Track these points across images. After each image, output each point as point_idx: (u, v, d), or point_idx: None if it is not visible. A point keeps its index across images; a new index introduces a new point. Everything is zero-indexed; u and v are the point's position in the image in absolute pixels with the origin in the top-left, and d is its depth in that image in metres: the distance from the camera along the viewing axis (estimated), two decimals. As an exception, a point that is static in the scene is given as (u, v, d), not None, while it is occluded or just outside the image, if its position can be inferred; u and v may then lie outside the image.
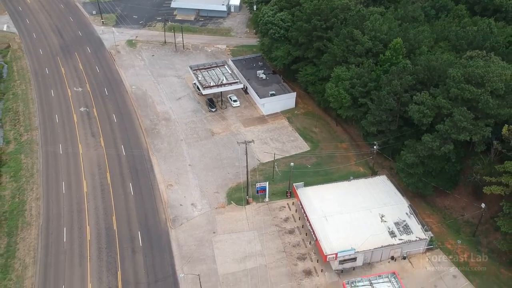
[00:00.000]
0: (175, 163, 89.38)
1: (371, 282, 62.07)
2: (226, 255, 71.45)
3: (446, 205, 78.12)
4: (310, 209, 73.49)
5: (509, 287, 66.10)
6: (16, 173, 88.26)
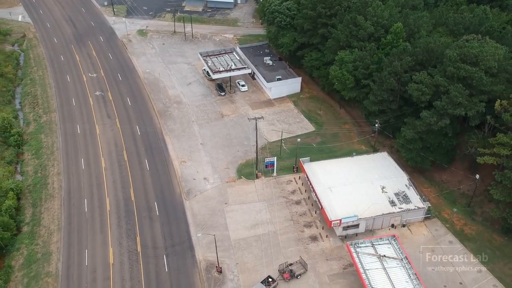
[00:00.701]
0: (187, 142, 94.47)
1: (372, 244, 67.12)
2: (238, 223, 76.52)
3: (443, 179, 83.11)
4: (316, 181, 78.53)
5: (501, 251, 71.00)
6: (37, 151, 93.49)
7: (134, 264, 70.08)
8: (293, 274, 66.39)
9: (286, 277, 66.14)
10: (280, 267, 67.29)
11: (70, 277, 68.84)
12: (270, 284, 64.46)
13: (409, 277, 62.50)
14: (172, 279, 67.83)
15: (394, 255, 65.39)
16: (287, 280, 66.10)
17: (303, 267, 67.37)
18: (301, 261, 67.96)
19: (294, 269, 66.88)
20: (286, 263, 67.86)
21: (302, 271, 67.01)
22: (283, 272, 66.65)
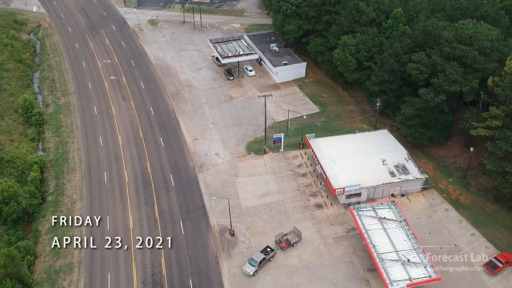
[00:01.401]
0: (199, 122, 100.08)
1: (373, 208, 72.65)
2: (248, 193, 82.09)
3: (440, 154, 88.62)
4: (321, 155, 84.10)
5: (493, 218, 76.44)
6: (57, 130, 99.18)
7: (153, 228, 75.68)
8: (289, 243, 70.89)
9: (282, 246, 70.60)
10: (276, 238, 71.67)
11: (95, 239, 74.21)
12: (268, 254, 68.98)
13: (407, 237, 68.02)
14: (188, 241, 73.41)
15: (394, 217, 70.90)
16: (284, 249, 70.52)
17: (297, 235, 71.96)
18: (295, 231, 72.54)
19: (289, 238, 71.42)
20: (281, 233, 72.32)
21: (297, 240, 71.58)
22: (280, 242, 71.05)
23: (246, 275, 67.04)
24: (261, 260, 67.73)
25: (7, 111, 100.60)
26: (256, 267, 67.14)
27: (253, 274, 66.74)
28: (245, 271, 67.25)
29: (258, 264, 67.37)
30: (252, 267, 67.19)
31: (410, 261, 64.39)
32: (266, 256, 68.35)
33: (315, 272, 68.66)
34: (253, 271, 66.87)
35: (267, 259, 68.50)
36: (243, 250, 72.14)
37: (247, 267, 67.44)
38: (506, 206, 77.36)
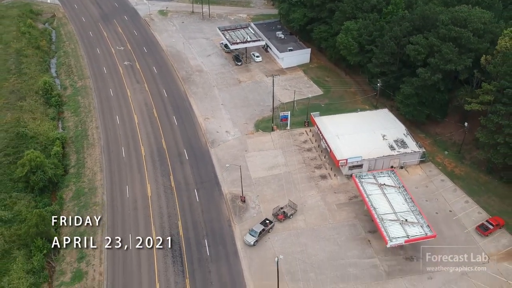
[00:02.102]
0: (209, 103, 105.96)
1: (374, 176, 78.47)
2: (257, 165, 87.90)
3: (437, 131, 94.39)
4: (325, 130, 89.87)
5: (485, 187, 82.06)
6: (76, 110, 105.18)
7: (169, 196, 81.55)
8: (286, 215, 75.69)
9: (280, 218, 75.33)
10: (274, 211, 76.29)
11: (115, 206, 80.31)
12: (267, 225, 73.68)
13: (405, 201, 73.85)
14: (203, 207, 79.29)
15: (393, 184, 76.74)
16: (282, 221, 75.22)
17: (293, 208, 76.70)
18: (290, 204, 77.33)
19: (286, 210, 76.19)
20: (278, 206, 76.91)
21: (293, 212, 76.31)
22: (277, 215, 75.80)
23: (247, 244, 71.63)
24: (261, 231, 72.31)
25: (29, 93, 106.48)
26: (256, 237, 71.67)
27: (253, 244, 71.38)
28: (246, 241, 71.79)
29: (258, 234, 71.87)
30: (252, 237, 71.74)
31: (407, 221, 70.20)
32: (265, 227, 72.96)
33: (320, 234, 74.45)
34: (254, 241, 71.41)
35: (267, 230, 73.14)
36: (253, 215, 77.96)
37: (248, 238, 72.01)
38: (498, 177, 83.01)
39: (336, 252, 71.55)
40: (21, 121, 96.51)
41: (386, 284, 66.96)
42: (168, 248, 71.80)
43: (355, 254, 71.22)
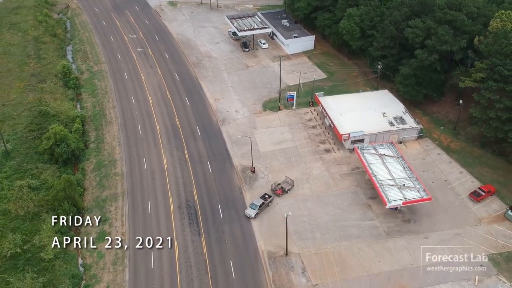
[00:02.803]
0: (219, 85, 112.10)
1: (375, 148, 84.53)
2: (265, 141, 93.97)
3: (434, 110, 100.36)
4: (329, 108, 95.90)
5: (479, 160, 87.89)
6: (93, 92, 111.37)
7: (184, 167, 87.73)
8: (283, 190, 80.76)
9: (278, 193, 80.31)
10: (272, 187, 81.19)
11: (134, 176, 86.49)
12: (267, 199, 78.40)
13: (403, 169, 79.92)
14: (215, 177, 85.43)
15: (392, 154, 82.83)
16: (280, 195, 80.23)
17: (290, 184, 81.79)
18: (287, 180, 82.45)
19: (283, 186, 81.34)
20: (276, 182, 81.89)
21: (290, 187, 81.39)
22: (276, 190, 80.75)
23: (248, 217, 76.45)
24: (261, 204, 77.12)
25: (48, 76, 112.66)
26: (257, 210, 76.51)
27: (254, 216, 76.17)
28: (247, 214, 76.48)
29: (258, 207, 76.77)
30: (253, 211, 76.59)
31: (405, 186, 76.26)
32: (265, 201, 77.89)
33: (324, 200, 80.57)
34: (254, 214, 76.26)
35: (266, 204, 78.00)
36: (262, 183, 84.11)
37: (249, 211, 76.80)
38: (490, 150, 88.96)
39: (339, 215, 77.61)
40: (43, 101, 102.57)
41: (385, 242, 72.95)
42: (185, 212, 77.98)
43: (356, 217, 77.27)
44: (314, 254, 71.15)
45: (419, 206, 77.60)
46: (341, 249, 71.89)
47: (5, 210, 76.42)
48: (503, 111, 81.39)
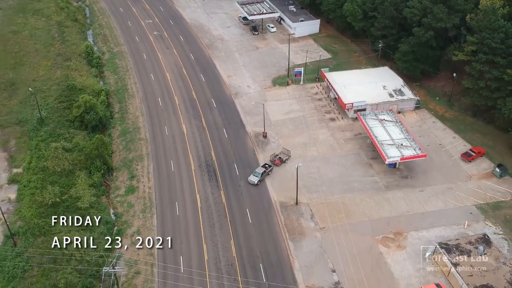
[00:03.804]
0: (231, 64, 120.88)
1: (375, 114, 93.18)
2: (275, 111, 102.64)
3: (430, 84, 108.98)
4: (333, 82, 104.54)
5: (471, 127, 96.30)
6: (115, 70, 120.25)
7: (202, 133, 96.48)
8: (281, 160, 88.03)
9: (277, 163, 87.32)
10: (271, 157, 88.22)
11: (156, 140, 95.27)
12: (267, 168, 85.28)
13: (401, 131, 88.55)
14: (231, 141, 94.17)
15: (391, 119, 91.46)
16: (278, 165, 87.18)
17: (287, 154, 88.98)
18: (284, 151, 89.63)
19: (281, 156, 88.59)
20: (274, 153, 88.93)
21: (287, 157, 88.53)
22: (274, 160, 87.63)
23: (252, 184, 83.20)
24: (262, 172, 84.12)
25: (73, 55, 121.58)
26: (259, 177, 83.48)
27: (257, 183, 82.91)
28: (251, 181, 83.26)
29: (260, 175, 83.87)
30: (256, 178, 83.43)
31: (403, 145, 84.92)
32: (266, 170, 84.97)
33: (330, 160, 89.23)
34: (257, 181, 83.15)
35: (267, 172, 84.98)
36: (274, 147, 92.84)
37: (252, 178, 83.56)
38: (481, 119, 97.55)
39: (343, 172, 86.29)
40: (70, 77, 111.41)
41: (385, 194, 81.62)
42: (204, 170, 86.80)
43: (359, 174, 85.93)
44: (321, 203, 79.77)
45: (416, 164, 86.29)
46: (345, 199, 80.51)
47: (44, 167, 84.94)
48: (492, 81, 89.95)
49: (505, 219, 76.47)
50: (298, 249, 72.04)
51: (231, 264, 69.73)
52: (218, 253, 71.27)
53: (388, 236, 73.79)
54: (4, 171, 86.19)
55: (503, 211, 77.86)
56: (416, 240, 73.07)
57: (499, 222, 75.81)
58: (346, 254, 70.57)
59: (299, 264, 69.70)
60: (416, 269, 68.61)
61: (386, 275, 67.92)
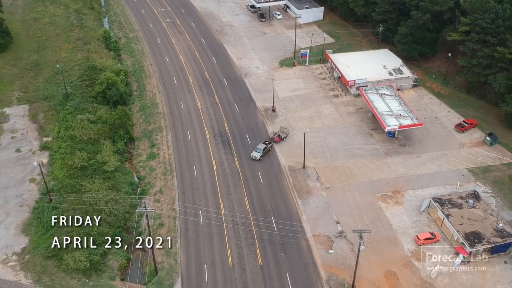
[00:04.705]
0: (241, 48, 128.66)
1: (376, 89, 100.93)
2: (283, 89, 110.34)
3: (427, 65, 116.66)
4: (337, 62, 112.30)
5: (464, 102, 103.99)
6: (131, 53, 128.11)
7: (216, 108, 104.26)
8: (280, 137, 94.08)
9: (276, 140, 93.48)
10: (271, 135, 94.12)
11: (173, 114, 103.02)
12: (267, 145, 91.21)
13: (399, 104, 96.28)
14: (242, 115, 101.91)
15: (390, 93, 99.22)
16: (277, 142, 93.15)
17: (285, 132, 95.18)
18: (281, 130, 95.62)
19: (280, 134, 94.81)
20: (273, 131, 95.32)
21: (285, 135, 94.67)
22: (274, 138, 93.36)
23: (254, 159, 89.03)
24: (264, 148, 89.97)
25: (92, 40, 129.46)
26: (261, 153, 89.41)
27: (259, 158, 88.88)
28: (253, 156, 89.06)
29: (262, 151, 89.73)
30: (258, 153, 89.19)
31: (401, 115, 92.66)
32: (266, 146, 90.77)
33: (334, 131, 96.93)
34: (260, 156, 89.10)
35: (267, 149, 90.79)
36: (282, 120, 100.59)
37: (255, 153, 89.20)
38: (474, 95, 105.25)
39: (346, 141, 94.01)
40: (90, 59, 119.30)
41: (384, 159, 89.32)
42: (219, 139, 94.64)
43: (361, 142, 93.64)
44: (326, 167, 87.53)
45: (413, 134, 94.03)
46: (348, 164, 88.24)
47: (71, 135, 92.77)
48: (484, 58, 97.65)
49: (494, 180, 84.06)
50: (305, 205, 79.79)
51: (245, 217, 77.46)
52: (234, 208, 79.01)
53: (387, 194, 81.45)
54: (35, 139, 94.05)
55: (492, 174, 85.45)
56: (413, 197, 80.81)
57: (488, 183, 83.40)
58: (349, 209, 78.23)
59: (307, 217, 77.42)
60: (412, 221, 76.31)
61: (385, 226, 75.64)
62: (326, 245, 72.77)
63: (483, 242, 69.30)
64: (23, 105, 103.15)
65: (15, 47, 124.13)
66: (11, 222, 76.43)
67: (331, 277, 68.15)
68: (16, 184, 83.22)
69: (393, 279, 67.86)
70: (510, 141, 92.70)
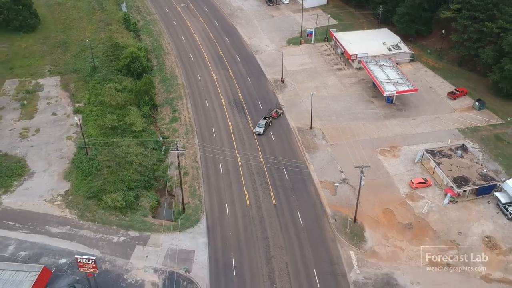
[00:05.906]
0: (251, 29, 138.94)
1: (376, 61, 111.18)
2: (291, 63, 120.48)
3: (423, 43, 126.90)
4: (340, 39, 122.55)
5: (457, 74, 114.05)
6: (150, 33, 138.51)
7: (230, 80, 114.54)
8: (278, 113, 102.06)
9: (274, 116, 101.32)
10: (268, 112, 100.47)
11: (192, 85, 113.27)
12: (267, 120, 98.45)
13: (397, 74, 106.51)
14: (254, 85, 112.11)
15: (389, 65, 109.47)
16: (276, 117, 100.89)
17: (281, 109, 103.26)
18: (278, 107, 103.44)
19: (277, 110, 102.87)
20: (270, 108, 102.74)
21: (282, 111, 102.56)
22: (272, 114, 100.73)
23: (257, 134, 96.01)
24: (265, 123, 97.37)
25: (113, 21, 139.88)
26: (264, 127, 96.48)
27: (262, 133, 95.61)
28: (257, 132, 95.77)
29: (265, 125, 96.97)
30: (261, 128, 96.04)
31: (398, 83, 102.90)
32: (267, 121, 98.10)
33: (337, 98, 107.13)
34: (262, 130, 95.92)
35: (268, 123, 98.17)
36: (290, 89, 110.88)
37: (258, 128, 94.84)
38: (466, 68, 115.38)
39: (349, 107, 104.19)
40: (113, 38, 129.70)
41: (383, 121, 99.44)
42: (234, 106, 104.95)
43: (362, 108, 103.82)
44: (331, 128, 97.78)
45: (409, 100, 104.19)
46: (351, 125, 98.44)
47: (101, 101, 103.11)
48: (474, 33, 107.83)
49: (481, 138, 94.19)
50: (313, 158, 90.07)
51: (260, 167, 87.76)
52: (249, 160, 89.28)
53: (385, 149, 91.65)
54: (68, 105, 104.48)
55: (480, 133, 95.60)
56: (408, 152, 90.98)
57: (476, 140, 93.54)
58: (351, 161, 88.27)
59: (314, 167, 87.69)
60: (407, 170, 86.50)
61: (383, 174, 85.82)
62: (332, 189, 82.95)
63: (469, 184, 79.39)
64: (55, 76, 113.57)
65: (43, 28, 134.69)
66: (54, 170, 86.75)
67: (336, 213, 78.36)
68: (55, 141, 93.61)
69: (390, 215, 78.00)
70: (497, 106, 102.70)
